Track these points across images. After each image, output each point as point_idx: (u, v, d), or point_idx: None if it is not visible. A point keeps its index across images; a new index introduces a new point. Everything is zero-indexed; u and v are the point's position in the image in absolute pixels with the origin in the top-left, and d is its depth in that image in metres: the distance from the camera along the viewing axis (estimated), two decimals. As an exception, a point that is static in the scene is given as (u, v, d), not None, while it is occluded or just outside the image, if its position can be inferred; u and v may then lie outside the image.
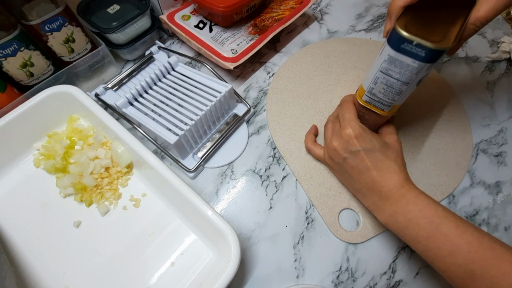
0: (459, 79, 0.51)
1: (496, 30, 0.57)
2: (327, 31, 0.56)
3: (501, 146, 0.44)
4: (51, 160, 0.39)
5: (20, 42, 0.37)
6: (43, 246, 0.35)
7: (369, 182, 0.33)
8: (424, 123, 0.45)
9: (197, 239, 0.36)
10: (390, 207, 0.31)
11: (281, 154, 0.42)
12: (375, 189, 0.32)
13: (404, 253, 0.37)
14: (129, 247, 0.35)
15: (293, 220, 0.38)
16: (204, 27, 0.49)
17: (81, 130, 0.41)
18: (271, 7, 0.53)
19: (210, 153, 0.41)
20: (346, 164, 0.34)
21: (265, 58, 0.52)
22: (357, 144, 0.33)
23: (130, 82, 0.46)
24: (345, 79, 0.49)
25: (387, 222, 0.32)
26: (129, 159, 0.39)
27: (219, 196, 0.40)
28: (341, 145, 0.34)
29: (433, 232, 0.28)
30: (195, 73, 0.45)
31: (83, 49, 0.43)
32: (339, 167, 0.36)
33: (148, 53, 0.48)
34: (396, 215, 0.31)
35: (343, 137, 0.34)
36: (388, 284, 0.35)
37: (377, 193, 0.32)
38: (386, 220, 0.32)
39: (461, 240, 0.27)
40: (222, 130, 0.43)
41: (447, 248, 0.27)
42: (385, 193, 0.31)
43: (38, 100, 0.38)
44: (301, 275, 0.35)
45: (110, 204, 0.38)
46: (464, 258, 0.26)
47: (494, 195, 0.40)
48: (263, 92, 0.48)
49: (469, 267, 0.26)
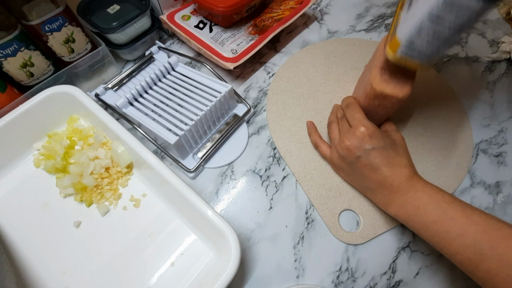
0: (459, 79, 0.51)
1: (496, 30, 0.57)
2: (327, 31, 0.56)
3: (501, 146, 0.44)
4: (51, 160, 0.39)
5: (20, 42, 0.37)
6: (43, 246, 0.35)
7: (381, 178, 0.33)
8: (424, 124, 0.45)
9: (197, 239, 0.36)
10: (400, 198, 0.32)
11: (281, 154, 0.42)
12: (387, 184, 0.33)
13: (404, 253, 0.37)
14: (129, 247, 0.35)
15: (293, 220, 0.38)
16: (204, 27, 0.49)
17: (81, 130, 0.41)
18: (271, 7, 0.53)
19: (210, 153, 0.41)
20: (359, 163, 0.34)
21: (265, 58, 0.52)
22: (371, 142, 0.34)
23: (130, 82, 0.46)
24: (345, 79, 0.49)
25: (397, 213, 0.33)
26: (129, 159, 0.39)
27: (219, 196, 0.40)
28: (354, 144, 0.34)
29: (441, 217, 0.29)
30: (195, 73, 0.45)
31: (83, 49, 0.43)
32: (350, 166, 0.36)
33: (148, 53, 0.48)
34: (406, 204, 0.32)
35: (357, 135, 0.34)
36: (388, 284, 0.35)
37: (388, 188, 0.33)
38: (396, 211, 0.33)
39: (469, 222, 0.28)
40: (222, 130, 0.43)
41: (455, 230, 0.28)
42: (396, 187, 0.33)
43: (38, 100, 0.38)
44: (301, 275, 0.35)
45: (110, 204, 0.38)
46: (472, 239, 0.27)
47: (494, 195, 0.40)
48: (263, 92, 0.48)
49: (477, 247, 0.27)
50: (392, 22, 0.34)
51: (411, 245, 0.37)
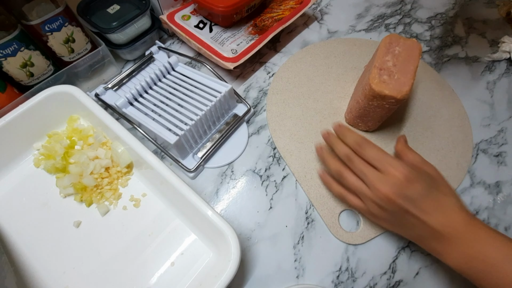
0: (459, 79, 0.51)
1: (496, 30, 0.57)
2: (327, 31, 0.56)
3: (501, 146, 0.44)
4: (51, 160, 0.39)
5: (20, 42, 0.37)
6: (43, 246, 0.35)
7: (434, 226, 0.29)
8: (424, 124, 0.45)
9: (197, 239, 0.36)
10: (460, 249, 0.28)
11: (281, 154, 0.42)
12: (442, 232, 0.29)
13: (404, 253, 0.37)
14: (129, 247, 0.35)
15: (293, 220, 0.38)
16: (204, 27, 0.49)
17: (81, 130, 0.41)
18: (271, 7, 0.53)
19: (210, 153, 0.41)
20: (404, 212, 0.30)
21: (265, 58, 0.52)
22: (412, 187, 0.30)
23: (130, 82, 0.46)
24: (345, 79, 0.49)
25: (459, 267, 0.29)
26: (129, 159, 0.39)
27: (219, 196, 0.40)
28: (393, 191, 0.30)
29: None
30: (195, 73, 0.45)
31: (83, 49, 0.43)
32: (393, 215, 0.32)
33: (148, 53, 0.48)
34: (471, 259, 0.28)
35: (393, 182, 0.30)
36: (388, 284, 0.35)
37: (444, 236, 0.29)
38: (458, 265, 0.29)
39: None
40: (222, 130, 0.43)
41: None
42: (453, 235, 0.29)
43: (38, 100, 0.38)
44: (301, 275, 0.35)
45: (110, 204, 0.38)
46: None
47: (494, 195, 0.41)
48: (263, 92, 0.48)
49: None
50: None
51: (411, 245, 0.37)
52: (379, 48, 0.37)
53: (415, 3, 0.62)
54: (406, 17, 0.59)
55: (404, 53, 0.36)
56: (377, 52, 0.37)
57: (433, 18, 0.59)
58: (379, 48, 0.37)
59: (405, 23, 0.58)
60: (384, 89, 0.34)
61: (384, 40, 0.37)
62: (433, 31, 0.57)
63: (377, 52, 0.37)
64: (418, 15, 0.60)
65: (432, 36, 0.57)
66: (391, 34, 0.38)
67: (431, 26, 0.58)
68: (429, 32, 0.57)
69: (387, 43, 0.37)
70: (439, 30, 0.58)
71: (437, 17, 0.60)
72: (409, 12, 0.60)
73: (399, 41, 0.37)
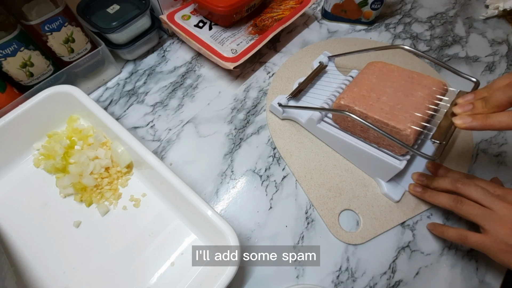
0: (459, 78, 0.51)
1: (496, 30, 0.57)
2: (327, 31, 0.56)
3: (501, 146, 0.44)
4: (51, 160, 0.39)
5: (20, 42, 0.37)
6: (43, 246, 0.35)
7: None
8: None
9: (197, 239, 0.36)
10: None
11: (281, 154, 0.42)
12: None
13: (404, 253, 0.37)
14: (129, 247, 0.35)
15: (293, 220, 0.38)
16: (204, 26, 0.49)
17: (81, 130, 0.41)
18: (271, 7, 0.53)
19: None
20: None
21: (265, 58, 0.52)
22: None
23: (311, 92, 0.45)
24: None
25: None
26: (129, 159, 0.39)
27: (219, 196, 0.40)
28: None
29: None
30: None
31: (83, 49, 0.43)
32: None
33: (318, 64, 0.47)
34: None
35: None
36: (388, 284, 0.35)
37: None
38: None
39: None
40: None
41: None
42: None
43: (38, 100, 0.38)
44: (301, 275, 0.35)
45: (110, 204, 0.38)
46: None
47: (494, 195, 0.40)
48: (263, 92, 0.48)
49: None
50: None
51: (411, 245, 0.37)
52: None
53: (415, 3, 0.62)
54: (406, 17, 0.59)
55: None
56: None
57: (433, 17, 0.59)
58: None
59: (405, 23, 0.58)
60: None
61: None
62: (433, 31, 0.57)
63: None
64: (418, 14, 0.60)
65: (432, 35, 0.57)
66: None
67: (431, 25, 0.58)
68: (429, 32, 0.57)
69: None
70: (439, 29, 0.57)
71: (437, 17, 0.60)
72: (409, 11, 0.60)
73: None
